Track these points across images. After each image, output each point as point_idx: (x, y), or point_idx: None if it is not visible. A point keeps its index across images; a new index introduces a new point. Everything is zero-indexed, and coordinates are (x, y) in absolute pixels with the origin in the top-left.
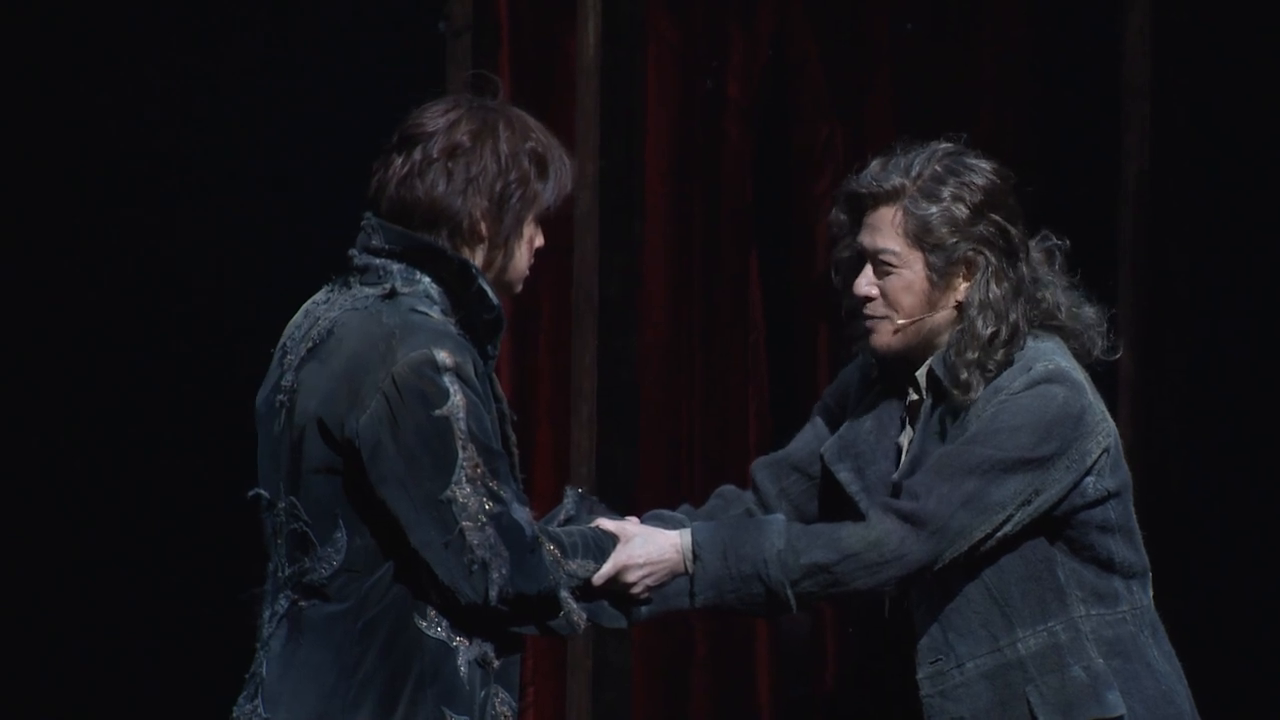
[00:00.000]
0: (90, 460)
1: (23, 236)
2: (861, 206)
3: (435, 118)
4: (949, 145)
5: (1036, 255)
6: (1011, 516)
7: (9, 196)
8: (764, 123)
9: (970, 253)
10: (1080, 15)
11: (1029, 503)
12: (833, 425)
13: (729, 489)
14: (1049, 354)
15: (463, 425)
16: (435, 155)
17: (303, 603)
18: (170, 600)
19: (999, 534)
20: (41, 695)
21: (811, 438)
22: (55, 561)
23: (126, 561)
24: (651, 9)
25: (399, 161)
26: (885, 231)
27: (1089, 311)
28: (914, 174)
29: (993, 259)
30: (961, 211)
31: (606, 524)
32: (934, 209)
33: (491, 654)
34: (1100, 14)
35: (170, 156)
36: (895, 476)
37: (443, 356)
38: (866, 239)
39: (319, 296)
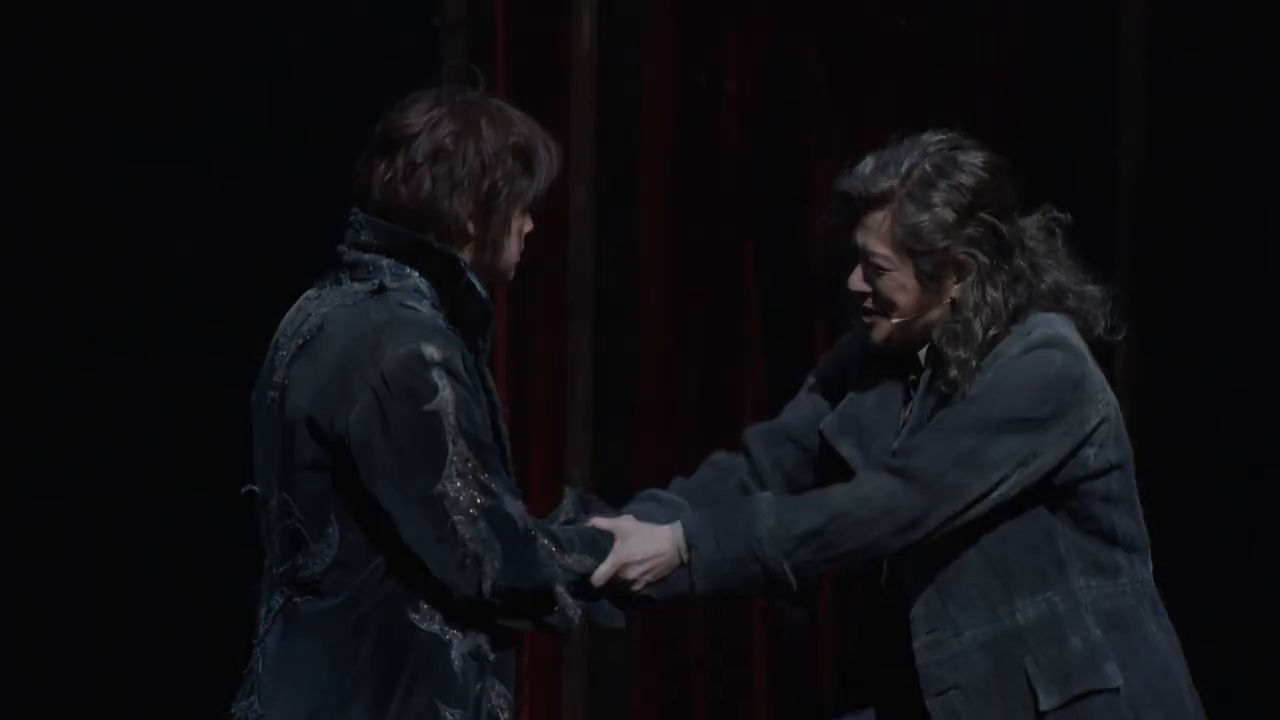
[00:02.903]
0: (91, 460)
1: (23, 236)
2: (854, 207)
3: (417, 117)
4: (941, 139)
5: (1036, 234)
6: (1007, 477)
7: (9, 196)
8: (763, 120)
9: (961, 255)
10: (1079, 14)
11: (1025, 464)
12: (829, 395)
13: (721, 456)
14: (1050, 322)
15: (452, 420)
16: (419, 160)
17: (297, 599)
18: (169, 599)
19: (995, 495)
20: (41, 695)
21: (809, 409)
22: (55, 561)
23: (125, 561)
24: (650, 5)
25: (382, 167)
26: (875, 236)
27: (1091, 289)
28: (903, 175)
29: (984, 259)
30: (950, 216)
31: (602, 522)
32: (924, 216)
33: (486, 647)
34: (1099, 12)
35: (170, 156)
36: (895, 445)
37: (431, 351)
38: (859, 237)
39: (311, 293)
